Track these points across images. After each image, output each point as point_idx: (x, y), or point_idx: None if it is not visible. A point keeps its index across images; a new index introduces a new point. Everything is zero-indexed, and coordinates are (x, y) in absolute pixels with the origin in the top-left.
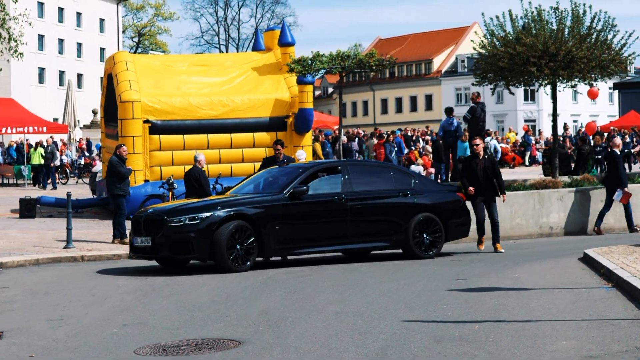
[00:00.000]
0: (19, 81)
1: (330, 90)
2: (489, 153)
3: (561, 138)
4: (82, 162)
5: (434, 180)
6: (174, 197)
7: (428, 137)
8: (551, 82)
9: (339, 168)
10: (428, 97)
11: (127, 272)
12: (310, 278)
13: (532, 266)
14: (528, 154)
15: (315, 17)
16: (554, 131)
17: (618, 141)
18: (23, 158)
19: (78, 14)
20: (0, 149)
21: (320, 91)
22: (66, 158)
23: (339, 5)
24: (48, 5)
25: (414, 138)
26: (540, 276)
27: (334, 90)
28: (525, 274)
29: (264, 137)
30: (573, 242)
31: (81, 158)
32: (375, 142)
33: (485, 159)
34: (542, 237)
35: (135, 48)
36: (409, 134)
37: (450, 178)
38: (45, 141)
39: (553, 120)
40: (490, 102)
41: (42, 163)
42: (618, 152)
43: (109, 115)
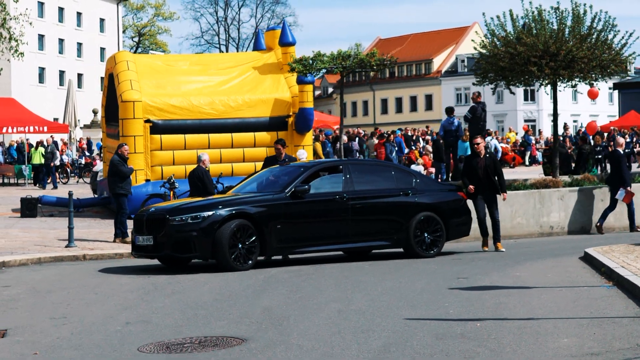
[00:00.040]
0: (19, 81)
1: (330, 90)
2: (490, 152)
3: (561, 138)
4: (83, 162)
5: (435, 179)
6: (175, 197)
7: (428, 137)
8: (552, 82)
9: (341, 167)
10: (428, 97)
11: (129, 271)
12: (311, 277)
13: (533, 265)
14: (528, 154)
15: (315, 17)
16: (555, 131)
17: (621, 140)
18: (24, 158)
19: (78, 14)
20: (0, 149)
21: (320, 91)
22: (67, 158)
23: (339, 5)
24: (48, 5)
25: (414, 138)
26: (541, 275)
27: (334, 90)
28: (526, 273)
29: (265, 137)
30: (573, 242)
31: (82, 158)
32: (375, 142)
33: (486, 158)
34: (543, 237)
35: (135, 48)
36: (409, 134)
37: (451, 177)
38: (45, 141)
39: (554, 119)
40: (490, 102)
41: (43, 163)
42: (621, 152)
43: (110, 115)
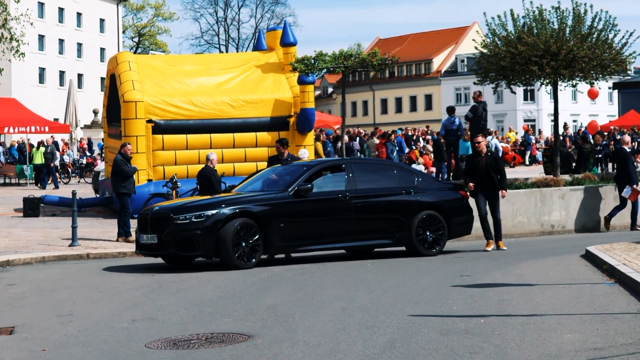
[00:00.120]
0: (20, 81)
1: (330, 90)
2: (491, 151)
3: (561, 137)
4: (84, 162)
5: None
6: (178, 196)
7: (429, 137)
8: (552, 82)
9: (343, 166)
10: (428, 97)
11: (133, 270)
12: (315, 275)
13: (535, 263)
14: (528, 154)
15: (315, 17)
16: (555, 130)
17: (627, 138)
18: (25, 158)
19: (78, 14)
20: (1, 149)
21: (320, 91)
22: (67, 158)
23: (339, 5)
24: (48, 5)
25: (415, 138)
26: (543, 272)
27: (334, 90)
28: (528, 271)
29: (266, 137)
30: (575, 240)
31: (83, 158)
32: (376, 142)
33: (487, 157)
34: (544, 235)
35: (135, 48)
36: (410, 134)
37: (452, 177)
38: (45, 141)
39: (554, 119)
40: (490, 102)
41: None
42: (627, 150)
43: (112, 115)
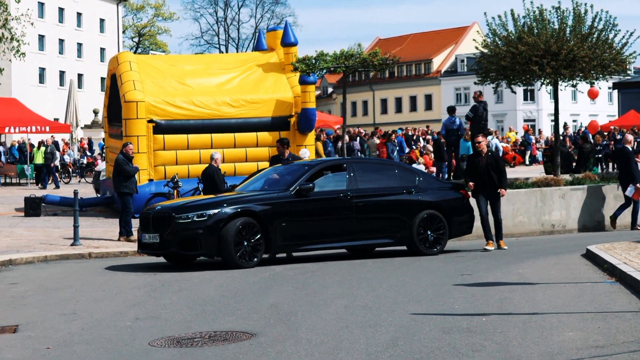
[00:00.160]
0: (20, 81)
1: (330, 90)
2: (492, 150)
3: (561, 137)
4: (85, 162)
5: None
6: (179, 196)
7: (429, 137)
8: (553, 81)
9: (344, 166)
10: (428, 97)
11: (135, 269)
12: (316, 274)
13: (536, 262)
14: (528, 153)
15: (315, 17)
16: (556, 130)
17: (630, 137)
18: (25, 158)
19: (78, 14)
20: (2, 149)
21: (320, 91)
22: (68, 158)
23: (339, 5)
24: (48, 5)
25: (415, 138)
26: (544, 271)
27: (334, 90)
28: (529, 270)
29: (267, 137)
30: (575, 239)
31: (83, 157)
32: (377, 142)
33: (488, 156)
34: (544, 235)
35: (135, 48)
36: (410, 134)
37: (452, 177)
38: (45, 141)
39: (555, 119)
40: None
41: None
42: (630, 149)
43: (113, 115)
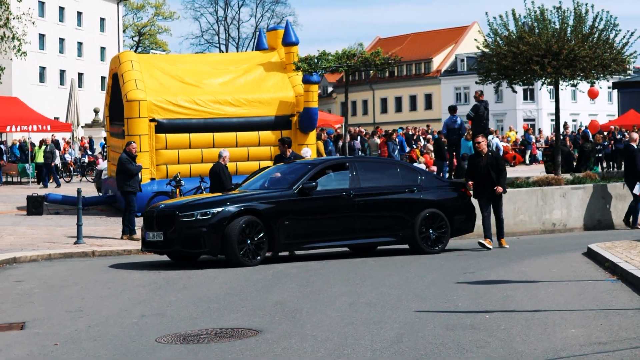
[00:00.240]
0: (21, 80)
1: (330, 89)
2: (492, 150)
3: (561, 136)
4: (86, 161)
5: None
6: (182, 194)
7: (430, 136)
8: (554, 81)
9: (347, 164)
10: (427, 97)
11: (140, 267)
12: (320, 272)
13: (538, 260)
14: (528, 153)
15: (315, 17)
16: (557, 129)
17: (635, 135)
18: (26, 156)
19: (79, 14)
20: (4, 148)
21: (320, 90)
22: (69, 156)
23: (339, 4)
24: (49, 4)
25: (415, 137)
26: (545, 270)
27: (334, 89)
28: (531, 268)
29: (269, 136)
30: (576, 238)
31: (84, 156)
32: (377, 141)
33: (488, 156)
34: (545, 234)
35: (135, 47)
36: (410, 133)
37: (453, 176)
38: (45, 140)
39: (555, 118)
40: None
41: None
42: (635, 146)
43: (114, 114)
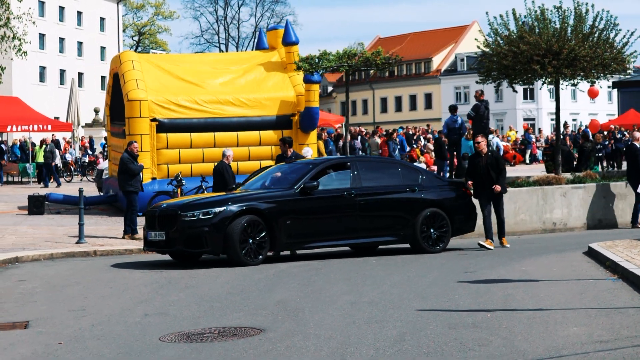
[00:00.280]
0: (21, 80)
1: (330, 89)
2: (492, 150)
3: (562, 136)
4: (87, 160)
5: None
6: (183, 194)
7: (430, 136)
8: (554, 81)
9: (348, 164)
10: (427, 96)
11: (141, 266)
12: (321, 271)
13: (538, 259)
14: (528, 152)
15: (314, 17)
16: (557, 128)
17: (638, 135)
18: (27, 156)
19: (79, 13)
20: (4, 147)
21: (319, 89)
22: (70, 156)
23: (339, 4)
24: (49, 4)
25: (416, 137)
26: (546, 269)
27: (334, 89)
28: (532, 267)
29: (270, 135)
30: (577, 237)
31: (85, 156)
32: (377, 141)
33: (488, 156)
34: (546, 233)
35: (135, 47)
36: (411, 132)
37: (454, 176)
38: (46, 140)
39: (556, 117)
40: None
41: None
42: (638, 146)
43: (115, 113)
